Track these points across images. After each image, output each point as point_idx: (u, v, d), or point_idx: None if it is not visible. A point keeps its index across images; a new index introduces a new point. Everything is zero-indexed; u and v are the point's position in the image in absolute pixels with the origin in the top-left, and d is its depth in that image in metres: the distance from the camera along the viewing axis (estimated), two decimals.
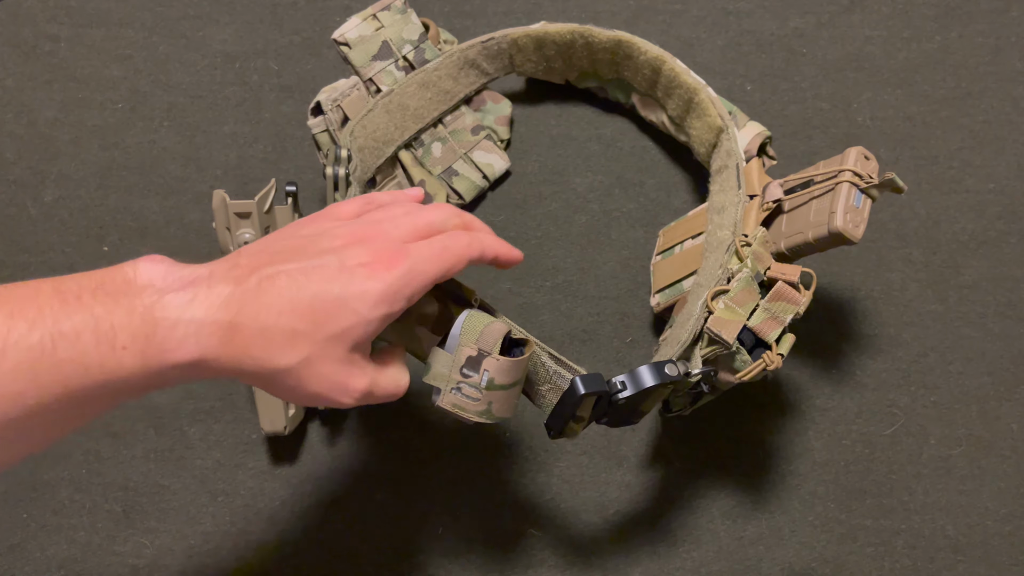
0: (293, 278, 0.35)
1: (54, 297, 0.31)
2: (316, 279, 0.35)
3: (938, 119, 0.62)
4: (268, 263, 0.35)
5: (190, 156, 0.61)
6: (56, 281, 0.32)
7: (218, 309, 0.33)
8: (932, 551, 0.52)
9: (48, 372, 0.30)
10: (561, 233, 0.59)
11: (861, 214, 0.46)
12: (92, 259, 0.58)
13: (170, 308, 0.32)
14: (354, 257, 0.36)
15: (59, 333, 0.31)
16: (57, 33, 0.64)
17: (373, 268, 0.36)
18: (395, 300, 0.36)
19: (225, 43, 0.64)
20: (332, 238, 0.37)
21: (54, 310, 0.31)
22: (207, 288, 0.34)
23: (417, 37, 0.56)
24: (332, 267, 0.35)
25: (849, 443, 0.54)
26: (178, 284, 0.33)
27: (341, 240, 0.37)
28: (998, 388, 0.55)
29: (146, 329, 0.32)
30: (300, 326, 0.34)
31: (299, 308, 0.34)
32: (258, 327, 0.34)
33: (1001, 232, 0.59)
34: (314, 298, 0.34)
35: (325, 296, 0.35)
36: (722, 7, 0.65)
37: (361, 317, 0.35)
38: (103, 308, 0.32)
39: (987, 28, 0.64)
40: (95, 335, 0.31)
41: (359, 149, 0.53)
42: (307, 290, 0.35)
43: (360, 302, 0.35)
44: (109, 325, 0.31)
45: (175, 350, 0.32)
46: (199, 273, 0.34)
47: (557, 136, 0.61)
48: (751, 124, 0.53)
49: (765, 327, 0.43)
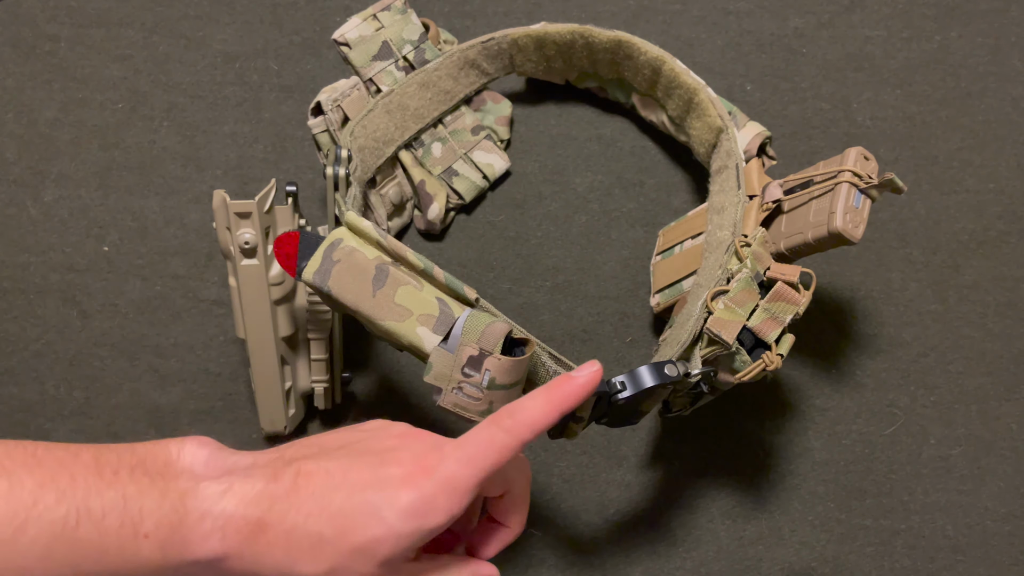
0: (330, 477, 0.32)
1: (91, 468, 0.31)
2: (352, 480, 0.32)
3: (938, 119, 0.62)
4: (311, 457, 0.33)
5: (190, 156, 0.61)
6: (98, 450, 0.32)
7: (248, 504, 0.32)
8: (932, 551, 0.52)
9: (64, 551, 0.29)
10: (561, 233, 0.59)
11: (861, 214, 0.46)
12: (92, 259, 0.58)
13: (202, 498, 0.31)
14: (395, 460, 0.33)
15: (86, 510, 0.30)
16: (57, 33, 0.64)
17: (410, 474, 0.32)
18: (427, 514, 0.32)
19: (225, 43, 0.64)
20: (384, 438, 0.35)
21: (87, 483, 0.30)
22: (243, 479, 0.32)
23: (417, 37, 0.57)
24: (369, 469, 0.33)
25: (849, 443, 0.54)
26: (216, 472, 0.33)
27: (392, 441, 0.34)
28: (998, 388, 0.55)
29: (173, 518, 0.31)
30: (327, 532, 0.32)
31: (328, 511, 0.32)
32: (285, 528, 0.32)
33: (1001, 232, 0.59)
34: (345, 501, 0.32)
35: (355, 500, 0.32)
36: (722, 7, 0.65)
37: (390, 529, 0.32)
38: (136, 488, 0.31)
39: (987, 28, 0.64)
40: (120, 517, 0.30)
41: (359, 149, 0.53)
42: (339, 492, 0.32)
43: (390, 511, 0.32)
44: (138, 509, 0.30)
45: (198, 544, 0.31)
46: (241, 463, 0.33)
47: (557, 136, 0.61)
48: (751, 124, 0.53)
49: (765, 327, 0.43)
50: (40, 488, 0.29)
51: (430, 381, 0.39)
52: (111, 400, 0.55)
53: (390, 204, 0.57)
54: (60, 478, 0.30)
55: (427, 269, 0.41)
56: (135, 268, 0.58)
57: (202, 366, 0.56)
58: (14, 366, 0.56)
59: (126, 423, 0.55)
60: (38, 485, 0.30)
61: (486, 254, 0.58)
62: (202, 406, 0.55)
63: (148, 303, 0.57)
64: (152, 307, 0.57)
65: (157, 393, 0.55)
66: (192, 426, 0.55)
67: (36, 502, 0.29)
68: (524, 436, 0.34)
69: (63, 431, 0.55)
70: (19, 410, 0.55)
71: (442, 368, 0.39)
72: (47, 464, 0.30)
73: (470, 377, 0.38)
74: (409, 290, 0.40)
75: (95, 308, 0.57)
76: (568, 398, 0.35)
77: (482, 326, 0.39)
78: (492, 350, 0.38)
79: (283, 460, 0.33)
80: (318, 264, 0.41)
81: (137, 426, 0.55)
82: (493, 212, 0.60)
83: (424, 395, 0.55)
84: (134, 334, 0.57)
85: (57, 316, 0.57)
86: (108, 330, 0.57)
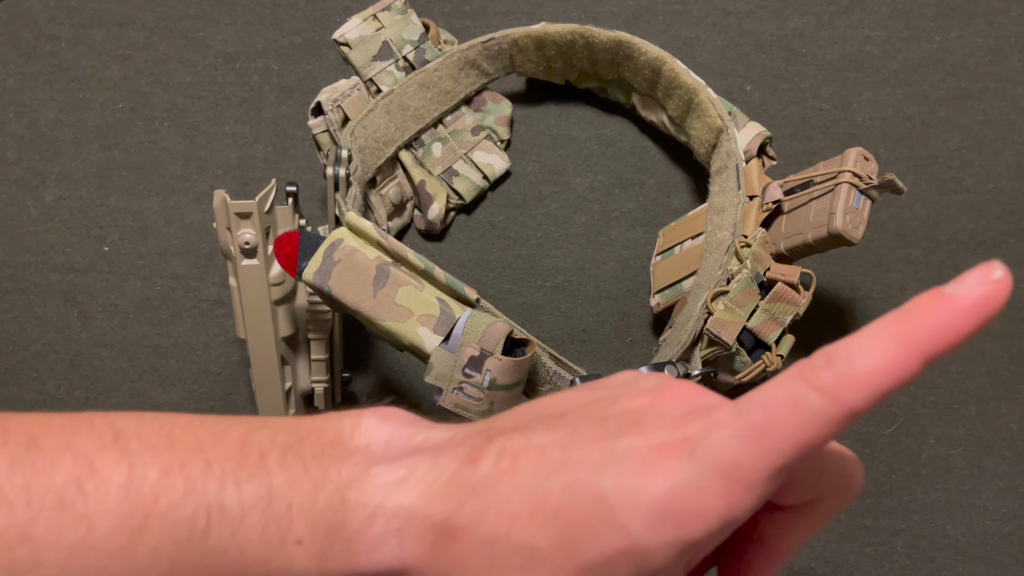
0: (544, 458, 0.22)
1: (233, 452, 0.23)
2: (574, 463, 0.22)
3: (938, 119, 0.62)
4: (522, 428, 0.24)
5: (190, 156, 0.61)
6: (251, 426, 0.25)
7: (434, 498, 0.23)
8: (931, 551, 0.52)
9: (191, 566, 0.22)
10: (561, 233, 0.59)
11: (860, 215, 0.46)
12: (92, 259, 0.58)
13: (370, 489, 0.23)
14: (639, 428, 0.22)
15: (219, 508, 0.22)
16: (57, 33, 0.64)
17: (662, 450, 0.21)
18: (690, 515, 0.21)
19: (225, 43, 0.64)
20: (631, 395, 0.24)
21: (223, 472, 0.23)
22: (430, 462, 0.23)
23: (417, 37, 0.57)
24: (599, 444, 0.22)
25: (848, 443, 0.54)
26: (397, 452, 0.24)
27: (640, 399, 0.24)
28: (997, 388, 0.55)
29: (331, 518, 0.23)
30: (541, 541, 0.22)
31: (543, 510, 0.22)
32: (482, 536, 0.22)
33: (1000, 232, 0.59)
34: (564, 496, 0.22)
35: (579, 494, 0.22)
36: (722, 7, 0.65)
37: (631, 540, 0.21)
38: (285, 478, 0.23)
39: (987, 28, 0.64)
40: (264, 518, 0.23)
41: (359, 149, 0.53)
42: (559, 479, 0.22)
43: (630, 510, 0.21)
44: (286, 506, 0.23)
45: (367, 554, 0.23)
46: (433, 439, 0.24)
47: (557, 136, 0.62)
48: (751, 124, 0.53)
49: (765, 328, 0.43)
50: (167, 475, 0.23)
51: (431, 381, 0.39)
52: (111, 400, 0.55)
53: (390, 204, 0.57)
54: (192, 465, 0.23)
55: (428, 269, 0.41)
56: (135, 268, 0.58)
57: (202, 366, 0.56)
58: (14, 366, 0.56)
59: None
60: (164, 473, 0.23)
61: (486, 254, 0.59)
62: (202, 406, 0.55)
63: (148, 303, 0.57)
64: (152, 307, 0.57)
65: (157, 393, 0.55)
66: None
67: (158, 496, 0.22)
68: (854, 401, 0.20)
69: None
70: (20, 410, 0.55)
71: (443, 368, 0.39)
72: (181, 447, 0.23)
73: (471, 377, 0.39)
74: (410, 290, 0.40)
75: (95, 308, 0.57)
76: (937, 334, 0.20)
77: (483, 327, 0.39)
78: (493, 351, 0.38)
79: (488, 434, 0.24)
80: (319, 264, 0.41)
81: None
82: (493, 212, 0.60)
83: (425, 395, 0.55)
84: (134, 334, 0.57)
85: (57, 316, 0.57)
86: (108, 330, 0.57)
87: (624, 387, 0.25)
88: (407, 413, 0.26)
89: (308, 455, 0.24)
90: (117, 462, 0.23)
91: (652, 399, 0.24)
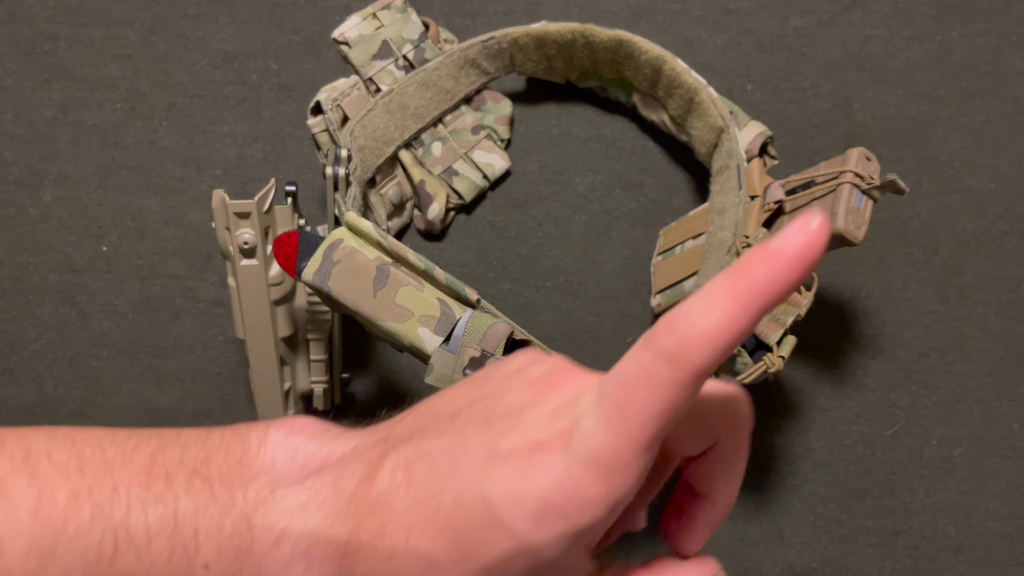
0: (434, 467, 0.23)
1: (141, 473, 0.24)
2: (462, 469, 0.22)
3: (939, 119, 0.62)
4: (419, 434, 0.24)
5: (189, 156, 0.61)
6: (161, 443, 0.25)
7: (336, 519, 0.23)
8: (933, 552, 0.52)
9: None
10: (561, 233, 0.59)
11: (862, 215, 0.46)
12: (91, 259, 0.58)
13: (276, 512, 0.23)
14: (518, 426, 0.22)
15: (126, 532, 0.22)
16: (56, 32, 0.64)
17: (538, 448, 0.22)
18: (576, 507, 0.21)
19: (225, 42, 0.64)
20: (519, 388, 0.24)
21: (131, 495, 0.23)
22: (333, 480, 0.23)
23: (417, 36, 0.56)
24: (484, 447, 0.22)
25: (850, 443, 0.54)
26: (301, 471, 0.24)
27: (525, 393, 0.24)
28: (999, 388, 0.55)
29: (238, 543, 0.23)
30: (439, 552, 0.22)
31: (437, 520, 0.22)
32: (382, 553, 0.22)
33: (1002, 232, 0.59)
34: (455, 503, 0.22)
35: (468, 500, 0.22)
36: (722, 6, 0.65)
37: (520, 542, 0.21)
38: (192, 503, 0.23)
39: (988, 27, 0.64)
40: (171, 542, 0.23)
41: (359, 149, 0.53)
42: (449, 488, 0.22)
43: (515, 513, 0.21)
44: (192, 531, 0.23)
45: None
46: (338, 451, 0.24)
47: (557, 136, 0.61)
48: (752, 124, 0.53)
49: (766, 329, 0.43)
50: (76, 498, 0.23)
51: (431, 382, 0.39)
52: (110, 400, 0.55)
53: (390, 204, 0.57)
54: (99, 490, 0.23)
55: (428, 270, 0.41)
56: (134, 268, 0.58)
57: (201, 366, 0.56)
58: (12, 366, 0.56)
59: (125, 423, 0.55)
60: (72, 497, 0.23)
61: (486, 254, 0.58)
62: (201, 406, 0.55)
63: (147, 303, 0.57)
64: (151, 307, 0.57)
65: (156, 393, 0.55)
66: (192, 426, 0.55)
67: (67, 520, 0.22)
68: (699, 361, 0.20)
69: None
70: (18, 410, 0.55)
71: (443, 369, 0.39)
72: (90, 469, 0.23)
73: None
74: (410, 291, 0.40)
75: (94, 308, 0.57)
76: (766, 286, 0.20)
77: (484, 328, 0.38)
78: (494, 352, 0.38)
79: (386, 445, 0.24)
80: (318, 264, 0.41)
81: (136, 426, 0.55)
82: (493, 212, 0.60)
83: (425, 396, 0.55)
84: (133, 334, 0.56)
85: (56, 316, 0.57)
86: (107, 330, 0.57)
87: (512, 379, 0.25)
88: (314, 422, 0.26)
89: (215, 477, 0.24)
90: (28, 486, 0.23)
91: (535, 392, 0.24)
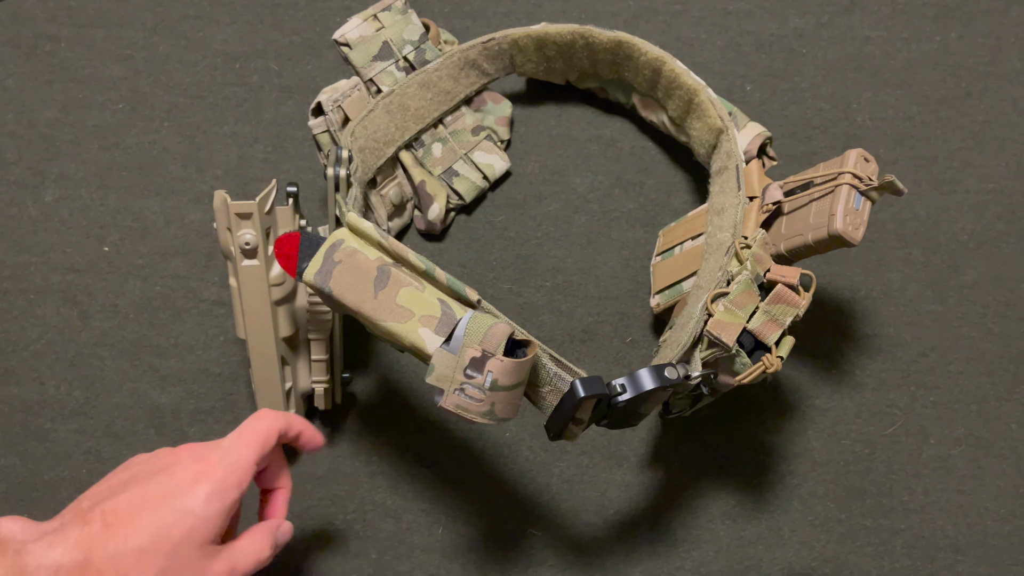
0: (132, 506, 0.39)
1: None
2: (152, 500, 0.39)
3: (938, 119, 0.62)
4: (108, 497, 0.39)
5: (190, 156, 0.61)
6: None
7: (71, 549, 0.37)
8: (932, 551, 0.52)
9: None
10: (561, 233, 0.59)
11: (861, 216, 0.46)
12: (92, 259, 0.58)
13: (33, 555, 0.37)
14: (180, 470, 0.40)
15: None
16: (57, 33, 0.64)
17: (200, 472, 0.40)
18: (226, 493, 0.40)
19: (226, 43, 0.64)
20: (161, 458, 0.42)
21: None
22: (60, 535, 0.38)
23: (418, 37, 0.57)
24: (162, 485, 0.40)
25: (849, 443, 0.54)
26: (35, 536, 0.38)
27: (169, 458, 0.41)
28: (997, 388, 0.56)
29: (16, 572, 0.36)
30: (146, 543, 0.38)
31: (142, 529, 0.38)
32: (108, 556, 0.37)
33: (1000, 232, 0.59)
34: (152, 516, 0.38)
35: (162, 511, 0.39)
36: (722, 7, 0.65)
37: (199, 518, 0.39)
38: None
39: (986, 28, 0.64)
40: None
41: (360, 150, 0.53)
42: (145, 512, 0.38)
43: (194, 503, 0.39)
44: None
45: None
46: (50, 526, 0.39)
47: (557, 136, 0.61)
48: (751, 125, 0.53)
49: (765, 329, 0.43)
50: None
51: (432, 382, 0.39)
52: (111, 400, 0.55)
53: (390, 204, 0.57)
54: None
55: (429, 270, 0.41)
56: (135, 268, 0.58)
57: (202, 366, 0.56)
58: (14, 366, 0.56)
59: (126, 423, 0.55)
60: None
61: (486, 254, 0.59)
62: (202, 406, 0.55)
63: (148, 303, 0.57)
64: (152, 307, 0.57)
65: (157, 393, 0.55)
66: (192, 426, 0.55)
67: None
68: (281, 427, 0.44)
69: (63, 431, 0.55)
70: (19, 410, 0.55)
71: (444, 369, 0.39)
72: None
73: (472, 379, 0.38)
74: (411, 291, 0.40)
75: (95, 308, 0.57)
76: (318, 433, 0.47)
77: (485, 328, 0.39)
78: (495, 352, 0.38)
79: (83, 510, 0.39)
80: (319, 265, 0.41)
81: (137, 426, 0.55)
82: (493, 212, 0.60)
83: (425, 396, 0.55)
84: (134, 334, 0.57)
85: (57, 316, 0.57)
86: (108, 330, 0.57)
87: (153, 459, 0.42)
88: (22, 517, 0.39)
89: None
90: None
91: (177, 455, 0.41)
